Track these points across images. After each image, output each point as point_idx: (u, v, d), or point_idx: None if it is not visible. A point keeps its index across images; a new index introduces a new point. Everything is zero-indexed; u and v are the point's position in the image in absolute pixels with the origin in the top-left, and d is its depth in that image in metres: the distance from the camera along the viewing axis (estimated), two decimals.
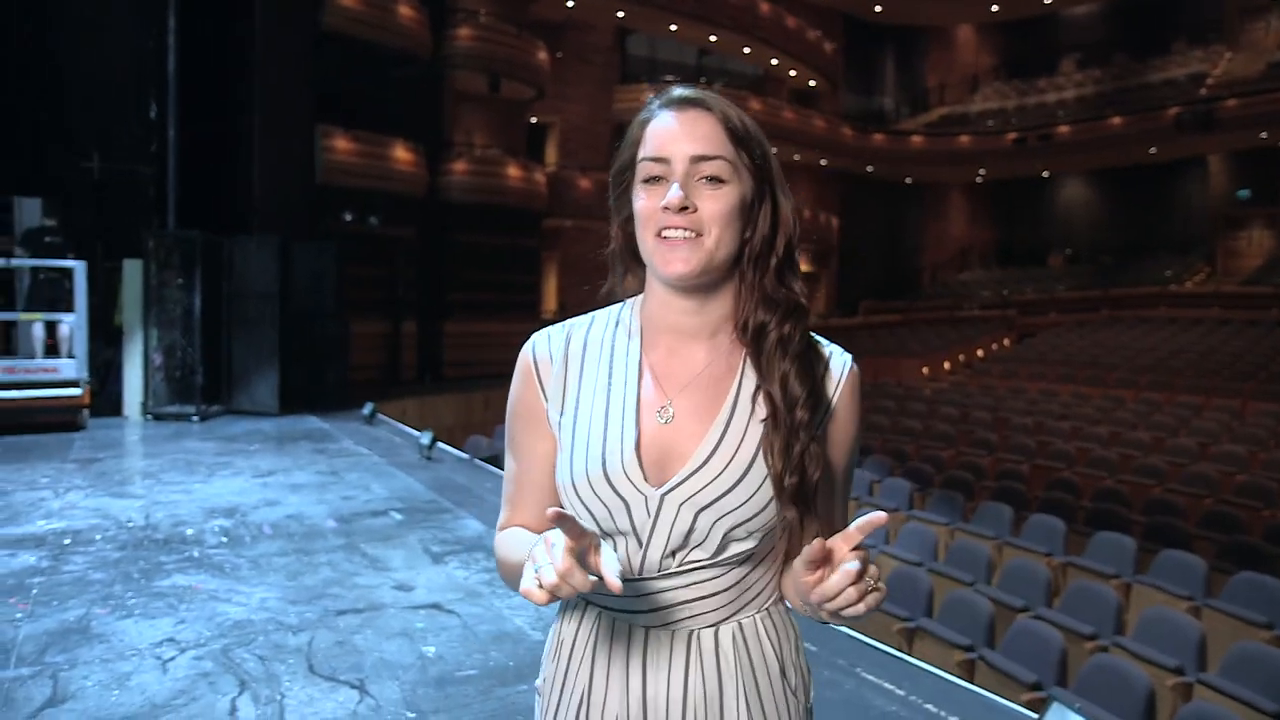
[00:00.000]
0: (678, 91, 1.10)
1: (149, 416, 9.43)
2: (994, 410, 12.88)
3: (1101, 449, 9.97)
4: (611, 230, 1.15)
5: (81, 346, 8.68)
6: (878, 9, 27.25)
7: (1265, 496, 7.96)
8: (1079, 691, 3.99)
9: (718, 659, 1.07)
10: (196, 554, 4.71)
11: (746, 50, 24.00)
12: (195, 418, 9.35)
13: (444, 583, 4.31)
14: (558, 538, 0.89)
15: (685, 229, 1.03)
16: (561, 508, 0.97)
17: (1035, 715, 3.29)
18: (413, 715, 2.99)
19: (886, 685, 3.45)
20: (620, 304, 1.16)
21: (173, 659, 3.39)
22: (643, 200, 1.06)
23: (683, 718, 1.06)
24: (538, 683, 1.19)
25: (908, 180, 28.56)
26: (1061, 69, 27.82)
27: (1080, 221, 27.52)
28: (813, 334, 1.11)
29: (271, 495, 6.09)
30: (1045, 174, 27.15)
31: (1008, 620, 5.08)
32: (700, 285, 1.06)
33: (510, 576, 1.09)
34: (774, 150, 1.12)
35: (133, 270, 9.60)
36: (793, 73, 25.77)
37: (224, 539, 5.00)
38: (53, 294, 8.88)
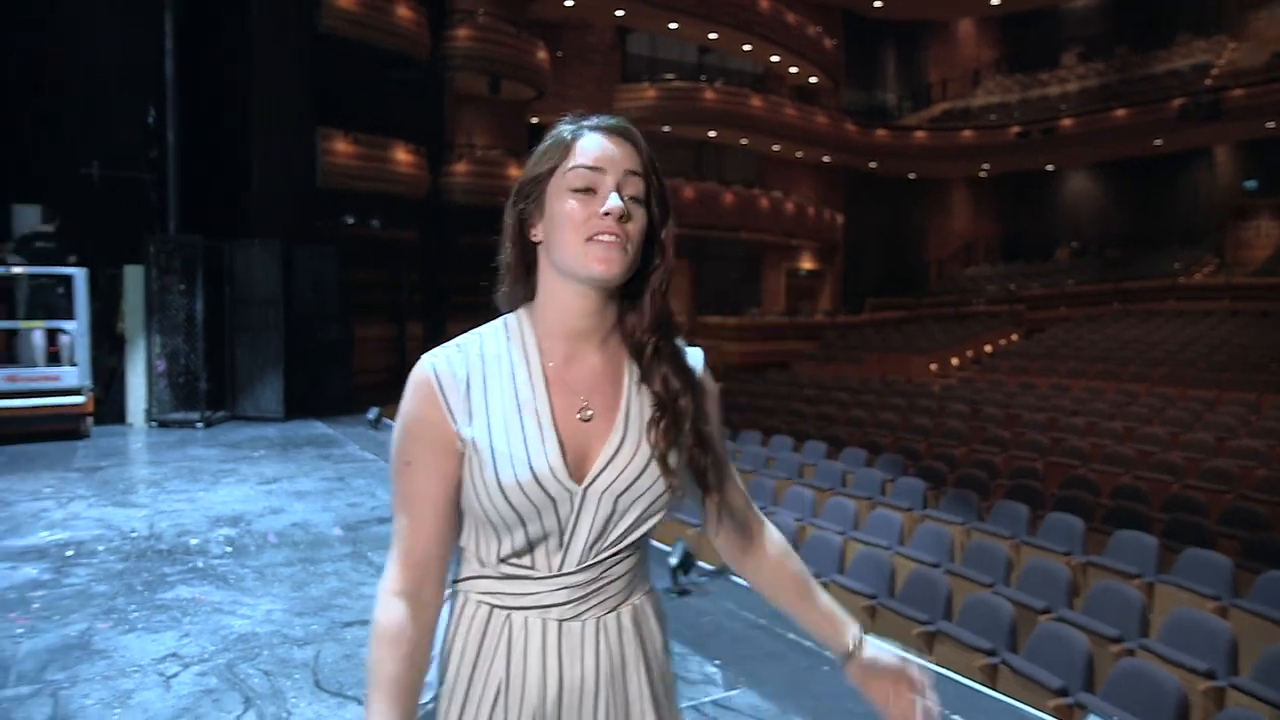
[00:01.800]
0: (603, 118, 1.17)
1: (153, 424, 9.34)
2: (1005, 407, 12.73)
3: (1117, 445, 9.82)
4: (507, 239, 1.20)
5: (83, 354, 8.60)
6: (877, 4, 27.09)
7: None
8: (1107, 697, 3.87)
9: (621, 639, 1.18)
10: (201, 564, 4.61)
11: (747, 48, 23.87)
12: (199, 424, 9.26)
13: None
14: None
15: (617, 236, 1.10)
16: (461, 527, 1.17)
17: None
18: None
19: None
20: (502, 319, 1.21)
21: (176, 675, 3.29)
22: (573, 205, 1.11)
23: (595, 696, 1.16)
24: (427, 699, 1.18)
25: (911, 176, 28.41)
26: (1064, 62, 27.65)
27: (1086, 214, 27.36)
28: None
29: (276, 503, 5.99)
30: (1049, 167, 26.99)
31: (1029, 622, 4.97)
32: (605, 291, 1.15)
33: (370, 672, 1.13)
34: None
35: (134, 276, 9.51)
36: (794, 70, 25.63)
37: (228, 548, 4.90)
38: (50, 301, 8.79)
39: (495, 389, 1.14)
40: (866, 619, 5.43)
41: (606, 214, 1.09)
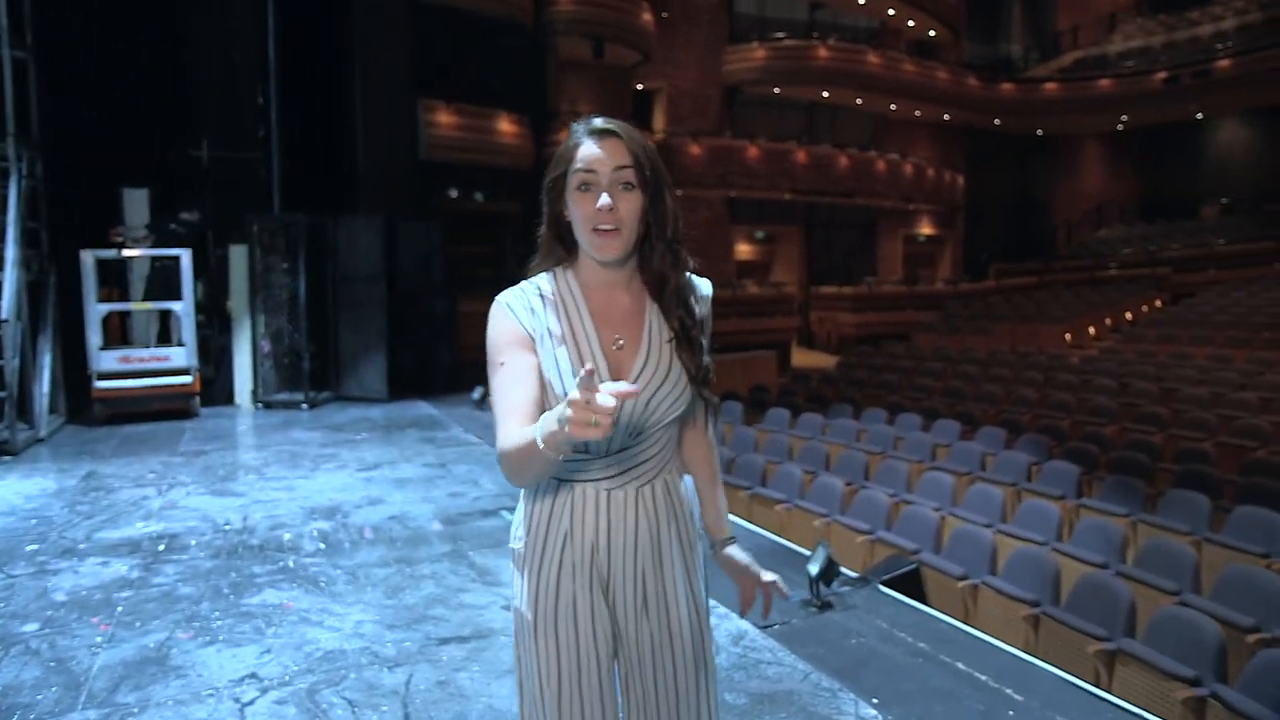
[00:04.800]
0: (597, 123, 1.49)
1: (259, 405, 9.26)
2: (1158, 380, 11.54)
3: None
4: (544, 221, 1.55)
5: (190, 334, 8.53)
6: None
7: None
8: None
9: (655, 504, 1.57)
10: (291, 563, 4.27)
11: (861, 1, 22.61)
12: (304, 406, 9.12)
13: None
14: (588, 387, 1.15)
15: (611, 225, 1.46)
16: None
17: None
18: None
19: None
20: (547, 273, 1.57)
21: (252, 702, 2.91)
22: (579, 205, 1.47)
23: (635, 545, 1.55)
24: (517, 545, 1.58)
25: (1039, 132, 26.56)
26: None
27: (1238, 167, 24.95)
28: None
29: (375, 492, 5.67)
30: (1199, 116, 24.65)
31: (1237, 644, 4.18)
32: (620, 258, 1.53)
33: (522, 457, 1.32)
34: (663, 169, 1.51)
35: (238, 256, 9.41)
36: (911, 23, 24.20)
37: (322, 545, 4.57)
38: (167, 282, 8.76)
39: (553, 317, 1.51)
40: (1029, 630, 4.72)
41: (599, 210, 1.43)
